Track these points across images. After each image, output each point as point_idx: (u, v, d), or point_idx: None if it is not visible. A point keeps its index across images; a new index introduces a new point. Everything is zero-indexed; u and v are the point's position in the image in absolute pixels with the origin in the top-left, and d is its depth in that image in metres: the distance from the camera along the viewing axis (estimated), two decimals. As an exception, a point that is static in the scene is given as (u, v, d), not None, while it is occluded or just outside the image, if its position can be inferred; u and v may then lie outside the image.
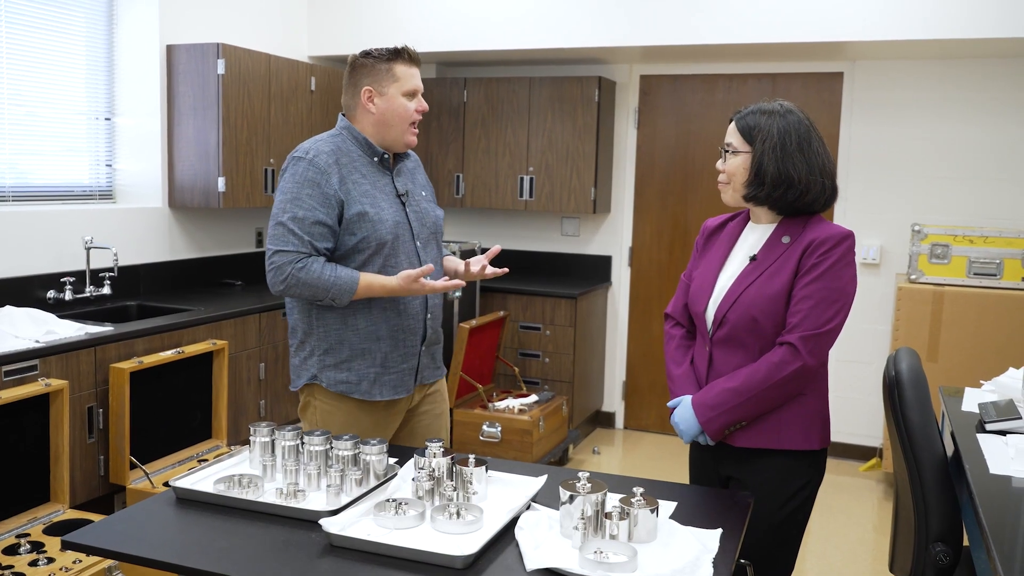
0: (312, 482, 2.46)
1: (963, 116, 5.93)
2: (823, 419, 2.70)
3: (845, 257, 2.60)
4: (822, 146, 2.68)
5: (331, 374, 3.01)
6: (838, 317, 2.57)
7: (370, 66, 3.01)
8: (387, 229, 2.96)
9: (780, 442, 2.64)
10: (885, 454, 5.79)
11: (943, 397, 3.44)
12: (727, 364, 2.69)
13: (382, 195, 3.01)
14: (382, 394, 3.02)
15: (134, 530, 2.24)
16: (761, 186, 2.64)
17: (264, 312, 5.23)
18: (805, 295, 2.56)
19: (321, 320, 3.00)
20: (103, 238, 5.06)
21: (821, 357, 2.60)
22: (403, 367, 3.05)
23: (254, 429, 2.60)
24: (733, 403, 2.60)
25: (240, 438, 5.03)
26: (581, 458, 6.34)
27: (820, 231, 2.62)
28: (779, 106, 2.68)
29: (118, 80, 5.54)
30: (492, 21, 6.19)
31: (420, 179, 3.25)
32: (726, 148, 2.73)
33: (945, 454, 2.66)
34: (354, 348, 2.99)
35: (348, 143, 3.03)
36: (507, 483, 2.52)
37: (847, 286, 2.60)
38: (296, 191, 2.91)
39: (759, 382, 2.57)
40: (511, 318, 6.49)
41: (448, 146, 6.92)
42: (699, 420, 2.66)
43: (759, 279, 2.64)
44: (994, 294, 5.41)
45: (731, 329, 2.66)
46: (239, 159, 5.54)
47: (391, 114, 3.01)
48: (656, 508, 2.17)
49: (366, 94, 3.01)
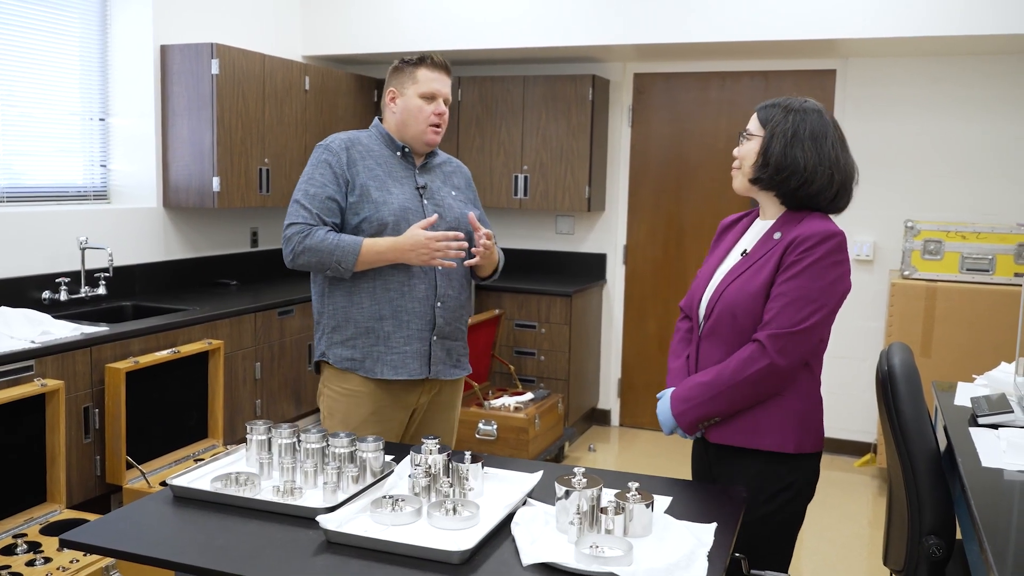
0: (309, 479, 2.46)
1: (956, 113, 5.95)
2: (803, 422, 2.62)
3: (830, 256, 2.53)
4: (840, 147, 2.64)
5: (338, 351, 3.18)
6: (813, 318, 2.50)
7: (400, 69, 3.25)
8: (390, 211, 3.10)
9: (752, 441, 2.61)
10: (879, 450, 5.81)
11: (936, 392, 3.45)
12: (709, 359, 2.68)
13: (395, 183, 3.17)
14: (383, 372, 3.13)
15: (132, 528, 2.25)
16: (766, 168, 2.62)
17: (260, 312, 5.24)
18: (780, 292, 2.53)
19: (331, 299, 3.17)
20: (98, 238, 5.06)
21: (792, 357, 2.52)
22: (405, 349, 3.14)
23: (251, 427, 2.61)
24: (703, 397, 2.60)
25: (236, 438, 5.04)
26: (577, 455, 6.35)
27: (807, 228, 2.56)
28: (804, 102, 2.67)
29: (112, 80, 5.54)
30: (486, 20, 6.20)
31: (456, 181, 3.39)
32: (742, 134, 2.74)
33: (938, 448, 2.67)
34: (359, 326, 3.14)
35: (373, 137, 3.26)
36: (503, 479, 2.53)
37: (830, 287, 2.53)
38: (311, 172, 3.15)
39: (727, 378, 2.56)
40: (506, 316, 6.50)
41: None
42: (672, 412, 2.68)
43: (743, 274, 2.63)
44: (986, 289, 5.43)
45: (714, 323, 2.66)
46: (234, 159, 5.55)
47: (407, 113, 3.21)
48: (651, 503, 2.18)
49: (389, 95, 3.26)
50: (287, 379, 5.49)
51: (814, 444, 2.65)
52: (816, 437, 2.66)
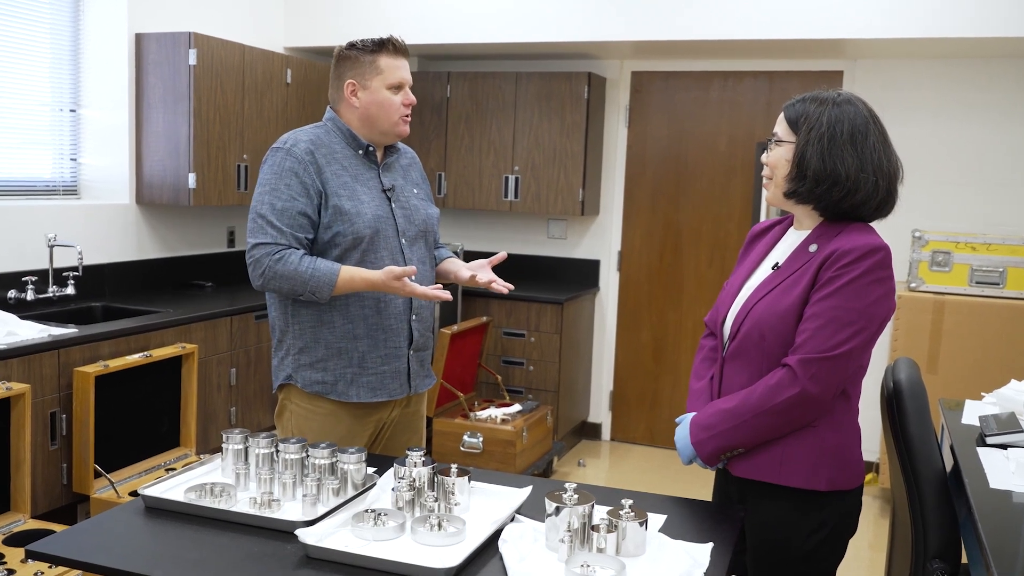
0: (287, 491, 2.47)
1: (967, 118, 5.99)
2: (838, 456, 2.46)
3: (872, 273, 2.38)
4: (883, 143, 2.49)
5: (306, 374, 3.04)
6: (851, 342, 2.36)
7: (354, 58, 3.05)
8: (365, 223, 2.98)
9: (779, 477, 2.46)
10: (882, 469, 5.83)
11: (943, 410, 3.47)
12: (734, 382, 2.56)
13: (364, 188, 3.04)
14: (359, 395, 3.04)
15: (102, 540, 2.25)
16: (803, 180, 2.46)
17: (236, 315, 5.24)
18: (814, 313, 2.38)
19: (297, 317, 3.03)
20: (67, 236, 5.05)
21: (826, 385, 2.37)
22: (383, 369, 3.07)
23: (227, 436, 2.61)
24: (726, 426, 2.47)
25: (209, 447, 5.04)
26: (566, 471, 6.36)
27: (848, 240, 2.42)
28: (836, 95, 2.50)
29: (84, 70, 5.53)
30: (478, 13, 6.21)
31: (414, 176, 3.28)
32: (771, 139, 2.57)
33: (944, 468, 2.67)
34: (330, 347, 3.02)
35: (332, 135, 3.08)
36: (490, 494, 2.53)
37: (872, 308, 2.38)
38: (275, 182, 2.95)
39: (754, 405, 2.43)
40: (494, 324, 6.51)
41: (430, 143, 6.93)
42: (691, 440, 2.56)
43: (774, 291, 2.50)
44: (997, 303, 5.45)
45: (740, 344, 2.54)
46: (211, 154, 5.55)
47: (375, 108, 3.05)
48: (645, 521, 2.19)
49: (349, 88, 3.06)
50: (263, 386, 5.49)
51: (850, 480, 2.50)
52: (852, 473, 2.51)
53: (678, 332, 6.90)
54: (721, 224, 6.70)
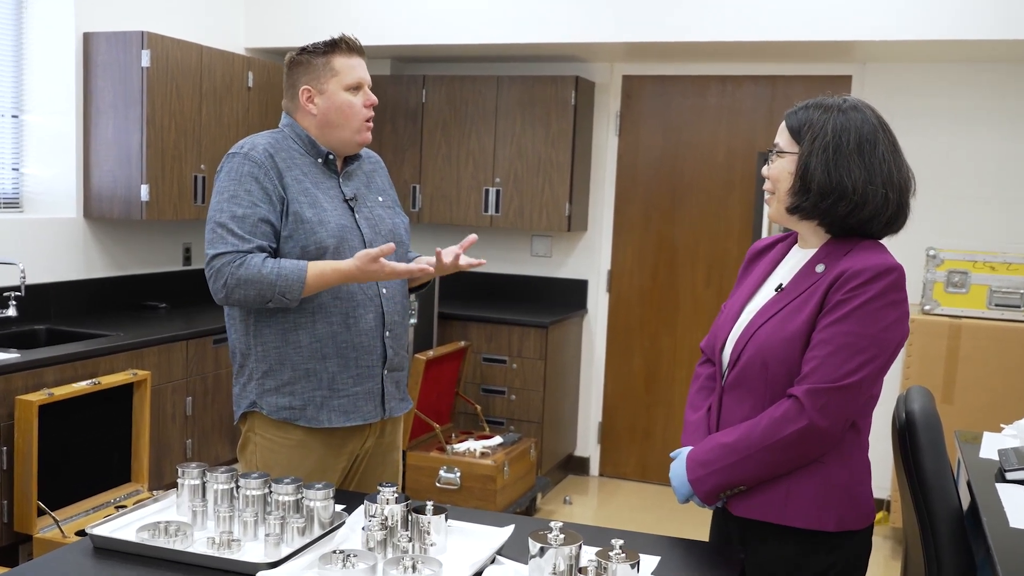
0: (248, 530, 2.46)
1: (986, 126, 6.01)
2: (848, 495, 2.45)
3: (885, 295, 2.37)
4: (893, 153, 2.49)
5: (272, 399, 3.03)
6: (863, 371, 2.34)
7: (307, 62, 3.08)
8: (328, 232, 2.99)
9: (784, 517, 2.44)
10: (893, 507, 5.84)
11: (959, 443, 3.48)
12: (734, 414, 2.54)
13: (326, 197, 3.06)
14: (330, 420, 3.03)
15: (45, 584, 2.25)
16: (807, 194, 2.44)
17: (192, 339, 5.23)
18: (823, 339, 2.37)
19: (259, 338, 3.02)
20: (8, 252, 5.04)
21: (836, 417, 2.36)
22: (355, 390, 3.06)
23: (182, 470, 2.61)
24: (726, 462, 2.45)
25: (163, 482, 5.02)
26: (551, 508, 6.36)
27: (858, 260, 2.41)
28: (842, 101, 2.49)
29: (27, 72, 5.53)
30: (455, 11, 6.23)
31: (379, 183, 3.30)
32: (772, 150, 2.55)
33: (960, 506, 2.68)
34: (297, 368, 3.01)
35: (290, 140, 3.10)
36: (469, 534, 2.52)
37: (885, 333, 2.36)
38: (234, 188, 2.96)
39: (757, 440, 2.41)
40: (473, 349, 6.51)
41: (404, 153, 6.94)
42: (688, 477, 2.54)
43: (778, 315, 2.49)
44: (1018, 328, 5.46)
45: (741, 372, 2.53)
46: (165, 164, 5.54)
47: (335, 113, 3.07)
48: (637, 563, 2.18)
49: (305, 94, 3.08)
50: (222, 416, 5.47)
51: (859, 519, 2.48)
52: (863, 512, 2.49)
53: (672, 359, 6.91)
54: (719, 241, 6.72)
